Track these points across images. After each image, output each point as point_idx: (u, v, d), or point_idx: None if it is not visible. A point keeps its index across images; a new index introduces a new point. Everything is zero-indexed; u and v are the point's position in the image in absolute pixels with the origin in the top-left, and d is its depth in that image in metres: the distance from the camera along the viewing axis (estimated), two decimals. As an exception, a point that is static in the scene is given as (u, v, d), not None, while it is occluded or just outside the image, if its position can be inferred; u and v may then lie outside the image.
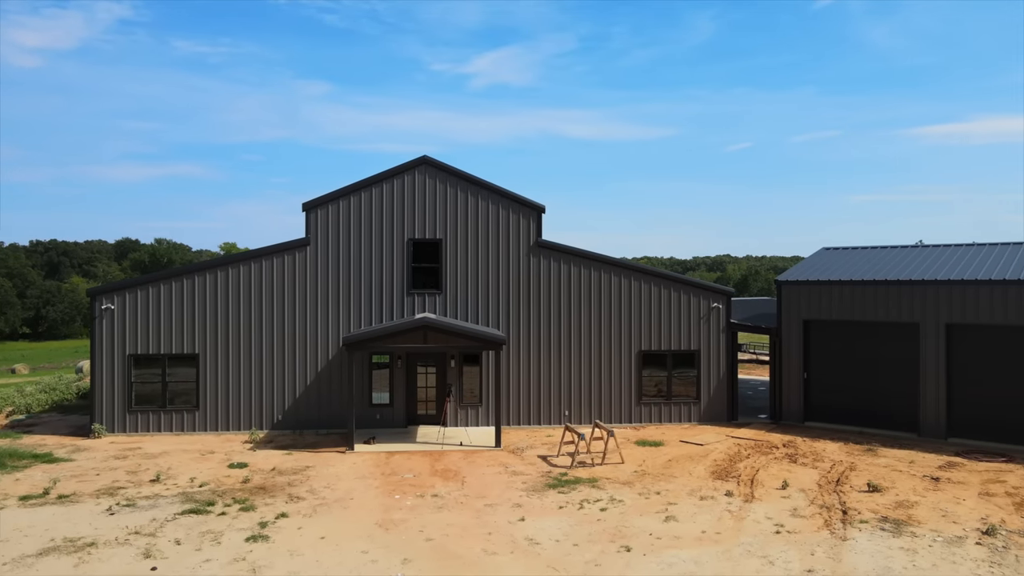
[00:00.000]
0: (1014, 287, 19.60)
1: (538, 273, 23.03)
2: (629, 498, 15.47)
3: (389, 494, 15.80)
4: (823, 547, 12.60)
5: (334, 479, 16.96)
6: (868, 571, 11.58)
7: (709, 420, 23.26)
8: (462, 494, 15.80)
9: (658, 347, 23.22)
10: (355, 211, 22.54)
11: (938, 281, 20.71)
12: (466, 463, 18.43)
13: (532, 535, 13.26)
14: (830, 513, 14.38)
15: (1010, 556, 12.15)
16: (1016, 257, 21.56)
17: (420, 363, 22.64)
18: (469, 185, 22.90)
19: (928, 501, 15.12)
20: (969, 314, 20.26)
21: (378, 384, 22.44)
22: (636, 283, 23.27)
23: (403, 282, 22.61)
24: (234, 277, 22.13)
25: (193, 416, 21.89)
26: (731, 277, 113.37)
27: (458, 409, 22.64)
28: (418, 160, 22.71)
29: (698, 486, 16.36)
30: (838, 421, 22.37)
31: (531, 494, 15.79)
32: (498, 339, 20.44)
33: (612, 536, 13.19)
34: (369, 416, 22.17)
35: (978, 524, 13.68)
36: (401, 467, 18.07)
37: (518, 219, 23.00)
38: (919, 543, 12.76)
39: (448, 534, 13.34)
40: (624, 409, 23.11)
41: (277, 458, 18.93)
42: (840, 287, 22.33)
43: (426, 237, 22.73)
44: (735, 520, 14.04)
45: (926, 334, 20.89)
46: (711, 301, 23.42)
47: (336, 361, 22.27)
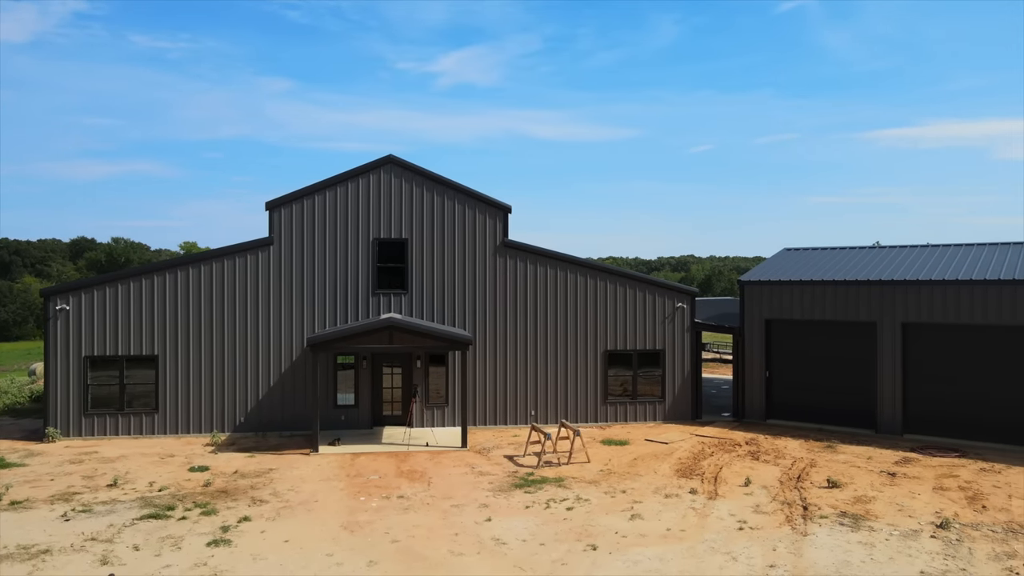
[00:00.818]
0: (966, 287, 20.19)
1: (504, 273, 23.03)
2: (595, 497, 15.56)
3: (354, 496, 15.66)
4: (785, 543, 12.82)
5: (298, 481, 16.75)
6: (828, 565, 11.81)
7: (674, 419, 23.51)
8: (428, 495, 15.73)
9: (624, 347, 23.40)
10: (320, 210, 22.29)
11: (894, 281, 21.25)
12: (432, 464, 18.35)
13: (499, 535, 13.25)
14: (791, 509, 14.65)
15: (963, 549, 12.51)
16: (968, 258, 22.22)
17: (386, 364, 22.48)
18: (435, 185, 22.81)
19: (885, 496, 15.49)
20: (924, 313, 20.81)
21: (343, 385, 22.22)
22: (602, 283, 23.43)
23: (368, 282, 22.42)
24: (195, 277, 21.72)
25: (152, 419, 21.43)
26: (695, 277, 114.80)
27: (424, 410, 22.54)
28: (384, 159, 22.55)
29: (663, 484, 16.52)
30: (799, 419, 22.81)
31: (498, 494, 15.78)
32: (464, 339, 20.40)
33: (578, 535, 13.25)
34: (334, 417, 21.94)
35: (932, 518, 14.05)
36: (367, 468, 17.92)
37: (484, 219, 22.98)
38: (876, 537, 13.07)
39: (414, 535, 13.27)
40: (590, 408, 23.24)
41: (239, 461, 18.63)
42: (801, 287, 22.76)
43: (392, 237, 22.58)
44: (699, 517, 14.21)
45: (883, 333, 21.41)
46: (676, 301, 23.68)
47: (300, 362, 22.00)
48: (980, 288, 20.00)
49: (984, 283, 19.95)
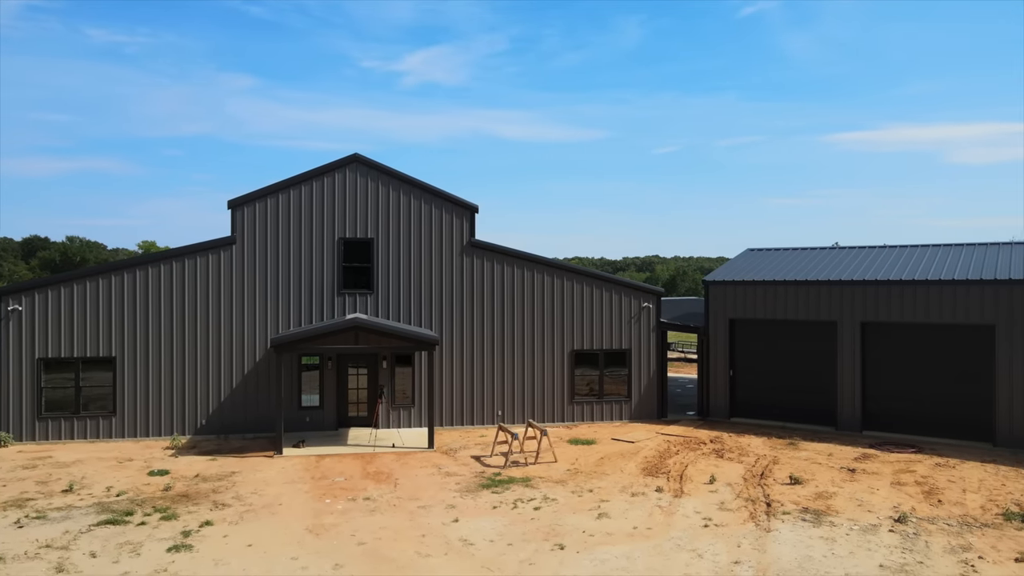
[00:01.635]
0: (922, 287, 20.71)
1: (471, 273, 22.97)
2: (562, 496, 15.59)
3: (320, 498, 15.46)
4: (749, 539, 13.00)
5: (262, 484, 16.48)
6: (791, 561, 12.00)
7: (640, 418, 23.69)
8: (395, 496, 15.60)
9: (590, 346, 23.50)
10: (284, 209, 21.97)
11: (853, 281, 21.70)
12: (399, 465, 18.22)
13: (466, 536, 13.20)
14: (755, 506, 14.86)
15: (920, 542, 12.82)
16: (923, 259, 22.80)
17: (351, 364, 22.25)
18: (401, 184, 22.65)
19: (845, 492, 15.80)
20: (882, 313, 21.30)
21: (308, 386, 21.94)
22: (569, 283, 23.50)
23: (334, 282, 22.17)
24: (154, 277, 21.23)
25: (110, 422, 20.89)
26: (660, 277, 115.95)
27: (390, 411, 22.36)
28: (349, 158, 22.31)
29: (629, 483, 16.63)
30: (762, 416, 23.16)
31: (465, 495, 15.72)
32: (431, 339, 20.29)
33: (546, 535, 13.26)
34: (298, 419, 21.64)
35: (891, 512, 14.38)
36: (332, 470, 17.71)
37: (451, 219, 22.89)
38: (837, 532, 13.32)
39: (381, 537, 13.14)
40: (557, 408, 23.30)
41: (201, 464, 18.26)
42: (764, 287, 23.12)
43: (357, 236, 22.35)
44: (665, 515, 14.33)
45: (843, 332, 21.85)
46: (641, 301, 23.87)
47: (264, 363, 21.66)
48: (935, 288, 20.54)
49: (939, 283, 20.48)
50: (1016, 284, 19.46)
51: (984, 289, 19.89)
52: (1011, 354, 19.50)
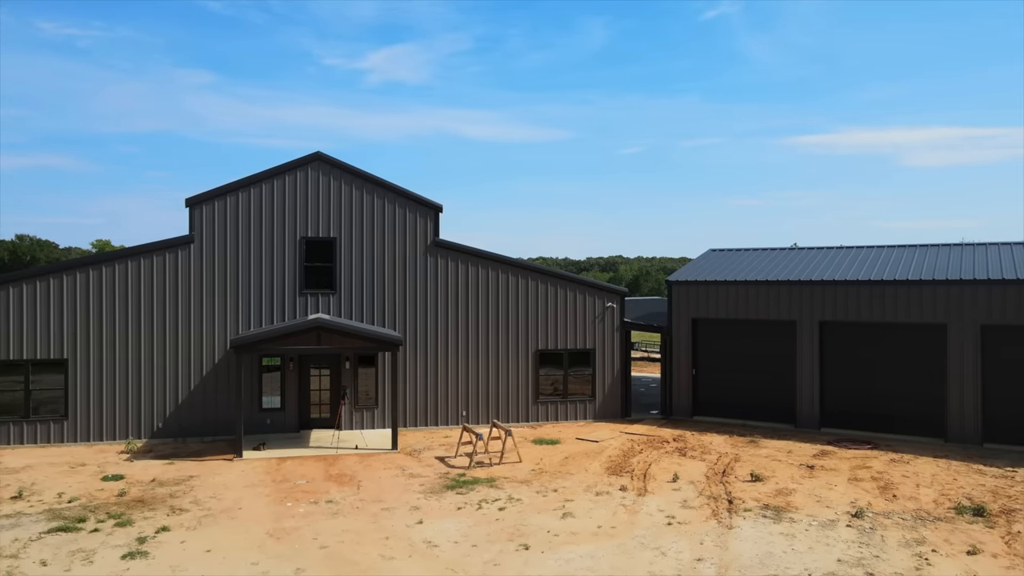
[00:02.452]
0: (878, 287, 21.20)
1: (435, 273, 22.84)
2: (527, 496, 15.58)
3: (281, 502, 15.20)
4: (711, 536, 13.14)
5: (221, 488, 16.14)
6: (752, 557, 12.16)
7: (604, 417, 23.81)
8: (358, 499, 15.42)
9: (554, 346, 23.55)
10: (244, 208, 21.57)
11: (812, 281, 22.11)
12: (362, 467, 18.01)
13: (430, 537, 13.10)
14: (717, 503, 15.03)
15: (876, 536, 13.10)
16: (879, 260, 23.34)
17: (313, 365, 21.94)
18: (364, 183, 22.41)
19: (804, 488, 16.08)
20: (839, 312, 21.75)
21: (268, 388, 21.57)
22: (533, 283, 23.51)
23: (295, 282, 21.84)
24: (108, 276, 20.66)
25: (61, 426, 20.27)
26: (623, 277, 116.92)
27: (353, 412, 22.11)
28: (311, 156, 22.01)
29: (594, 482, 16.69)
30: (724, 415, 23.47)
31: (429, 496, 15.61)
32: (394, 340, 20.11)
33: (511, 535, 13.23)
34: (259, 421, 21.27)
35: (848, 508, 14.67)
36: (293, 473, 17.43)
37: (415, 218, 22.72)
38: (797, 528, 13.54)
39: (343, 540, 12.97)
40: (521, 408, 23.30)
41: (157, 468, 17.82)
42: (726, 287, 23.43)
43: (319, 236, 22.05)
44: (629, 514, 14.41)
45: (802, 331, 22.25)
46: (605, 301, 23.99)
47: (223, 364, 21.23)
48: (890, 288, 21.04)
49: (894, 283, 20.99)
50: (967, 284, 20.04)
51: (936, 289, 20.44)
52: (961, 353, 20.07)
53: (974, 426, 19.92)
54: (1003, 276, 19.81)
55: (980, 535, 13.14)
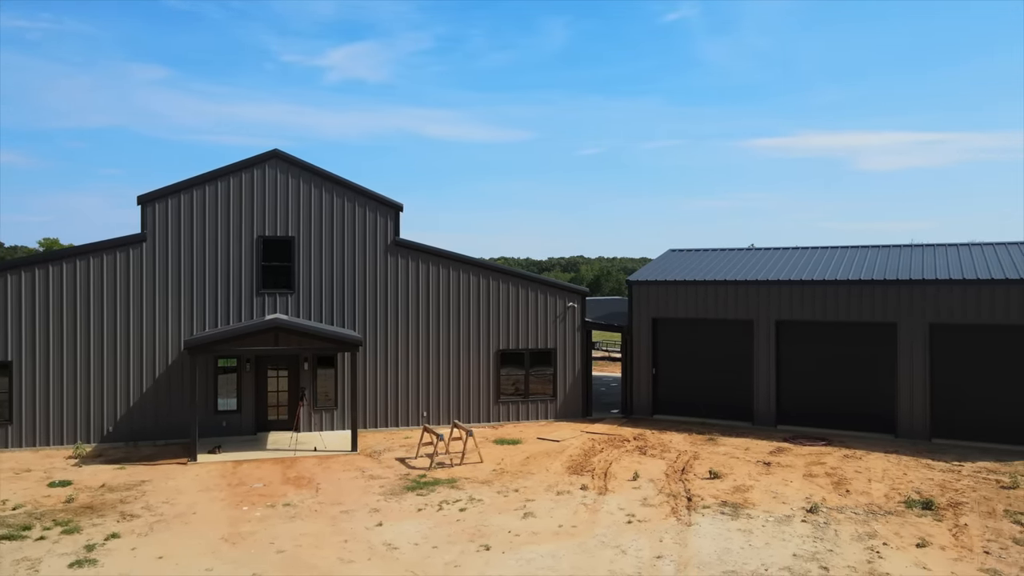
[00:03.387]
0: (831, 287, 21.68)
1: (396, 272, 22.64)
2: (488, 497, 15.53)
3: (236, 506, 14.88)
4: (670, 533, 13.26)
5: (174, 493, 15.74)
6: (710, 553, 12.30)
7: (565, 417, 23.89)
8: (316, 501, 15.18)
9: (516, 346, 23.54)
10: (199, 206, 21.08)
11: (768, 281, 22.51)
12: (321, 469, 17.75)
13: (390, 540, 12.96)
14: (676, 501, 15.18)
15: (830, 531, 13.37)
16: (833, 260, 23.87)
17: (271, 366, 21.56)
18: (323, 181, 22.10)
19: (761, 484, 16.34)
20: (795, 311, 22.17)
21: (224, 389, 21.12)
22: (494, 283, 23.47)
23: (252, 282, 21.43)
24: (56, 276, 20.01)
25: (5, 431, 19.55)
26: (584, 277, 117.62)
27: (312, 413, 21.79)
28: (268, 153, 21.62)
29: (555, 482, 16.72)
30: (684, 413, 23.74)
31: (389, 498, 15.45)
32: (354, 340, 19.88)
33: (471, 536, 13.17)
34: (214, 424, 20.82)
35: (803, 503, 14.95)
36: (250, 476, 17.09)
37: (375, 217, 22.49)
38: (754, 524, 13.75)
39: (301, 544, 12.75)
40: (483, 408, 23.23)
41: (107, 473, 17.31)
42: (685, 287, 23.70)
43: (277, 235, 21.68)
44: (590, 513, 14.47)
45: (759, 330, 22.63)
46: (567, 301, 24.07)
47: (177, 366, 20.72)
48: (843, 287, 21.52)
49: (847, 283, 21.48)
50: (916, 284, 20.61)
51: (887, 289, 20.98)
52: (911, 351, 20.64)
53: (923, 422, 20.50)
54: (950, 276, 20.42)
55: (929, 528, 13.51)
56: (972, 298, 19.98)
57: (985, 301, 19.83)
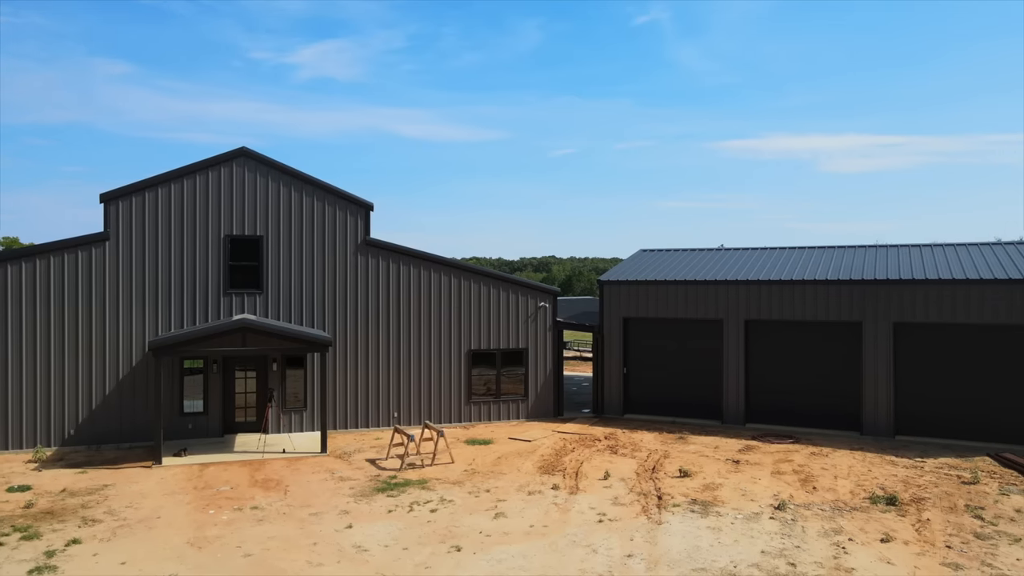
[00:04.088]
0: (799, 286, 21.98)
1: (366, 272, 22.45)
2: (459, 497, 15.46)
3: (203, 509, 14.62)
4: (641, 532, 13.32)
5: (138, 497, 15.42)
6: (680, 551, 12.38)
7: (537, 416, 23.90)
8: (285, 504, 14.98)
9: (487, 346, 23.49)
10: (164, 204, 20.69)
11: (738, 281, 22.75)
12: (290, 471, 17.53)
13: (360, 542, 12.83)
14: (647, 499, 15.26)
15: (797, 527, 13.54)
16: (800, 260, 24.22)
17: (239, 367, 21.23)
18: (292, 180, 21.83)
19: (730, 482, 16.50)
20: (763, 311, 22.44)
21: (191, 391, 20.75)
22: (466, 283, 23.39)
23: (219, 281, 21.09)
24: (15, 275, 19.48)
25: (-38, 435, 18.99)
26: (556, 277, 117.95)
27: (281, 415, 21.51)
28: (236, 151, 21.29)
29: (526, 481, 16.70)
30: (654, 412, 23.89)
31: (359, 499, 15.31)
32: (323, 340, 19.66)
33: (442, 537, 13.10)
34: (180, 426, 20.45)
35: (771, 500, 15.13)
36: (217, 479, 16.81)
37: (345, 216, 22.28)
38: (723, 521, 13.87)
39: (269, 548, 12.56)
40: (454, 408, 23.14)
41: (68, 478, 16.89)
42: (656, 286, 23.86)
43: (245, 234, 21.36)
44: (561, 512, 14.47)
45: (728, 330, 22.86)
46: (538, 300, 24.08)
47: (142, 368, 20.31)
48: (810, 287, 21.84)
49: (813, 283, 21.80)
50: (880, 284, 20.98)
51: (852, 288, 21.33)
52: (875, 349, 21.01)
53: (887, 420, 20.88)
54: (913, 277, 20.83)
55: (893, 523, 13.75)
56: (934, 298, 20.41)
57: (946, 301, 20.27)
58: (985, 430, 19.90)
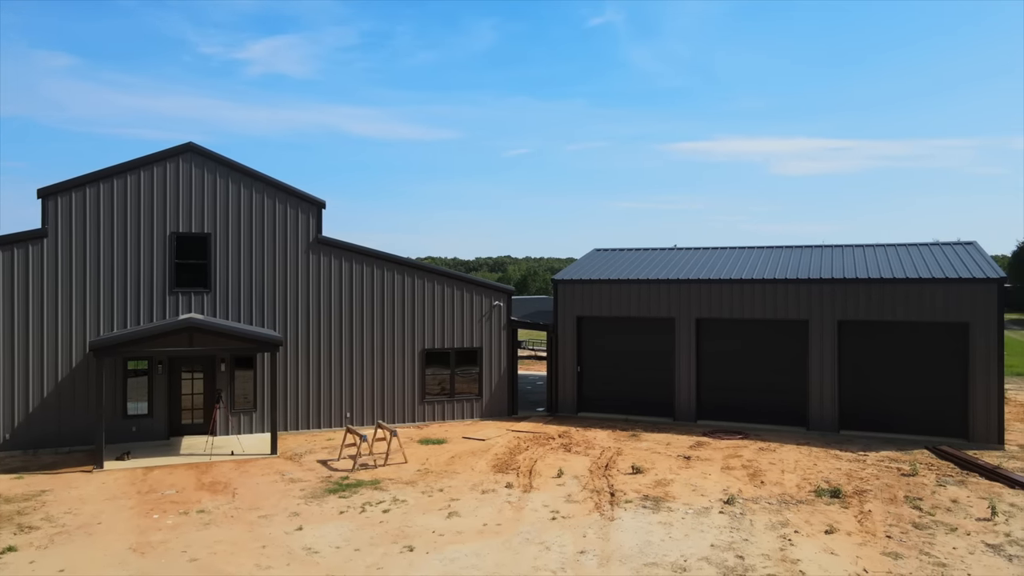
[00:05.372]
0: (748, 285, 22.43)
1: (318, 271, 22.11)
2: (412, 497, 15.34)
3: (146, 514, 14.20)
4: (594, 529, 13.41)
5: (77, 503, 14.90)
6: (632, 547, 12.51)
7: (491, 415, 23.87)
8: (233, 507, 14.65)
9: (441, 345, 23.37)
10: (106, 200, 20.04)
11: (689, 280, 23.10)
12: (238, 473, 17.15)
13: (311, 544, 12.62)
14: (600, 496, 15.37)
15: (746, 521, 13.81)
16: (750, 260, 24.72)
17: (185, 368, 20.69)
18: (242, 176, 21.37)
19: (681, 478, 16.74)
20: (714, 309, 22.84)
21: (135, 393, 20.14)
22: (420, 282, 23.23)
23: (165, 280, 20.52)
24: (-54, 273, 18.63)
25: None
26: (512, 277, 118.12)
27: (229, 416, 21.04)
28: (183, 147, 20.75)
29: (480, 480, 16.67)
30: (608, 410, 24.10)
31: (310, 501, 15.06)
32: (274, 340, 19.30)
33: (395, 537, 12.97)
34: (124, 429, 19.83)
35: (721, 495, 15.39)
36: (162, 483, 16.35)
37: (296, 214, 21.91)
38: (674, 516, 14.06)
39: (216, 552, 12.27)
40: (408, 408, 22.96)
41: (3, 484, 16.22)
42: (609, 285, 24.07)
43: (192, 231, 20.83)
44: (515, 511, 14.48)
45: (680, 328, 23.20)
46: (493, 299, 24.06)
47: (82, 369, 19.63)
48: (759, 286, 22.31)
49: (762, 282, 22.27)
50: (825, 283, 21.55)
51: (799, 287, 21.86)
52: (821, 346, 21.57)
53: (832, 415, 21.46)
54: (857, 276, 21.46)
55: (836, 515, 14.13)
56: (875, 296, 21.05)
57: (887, 299, 20.93)
58: (924, 424, 20.61)
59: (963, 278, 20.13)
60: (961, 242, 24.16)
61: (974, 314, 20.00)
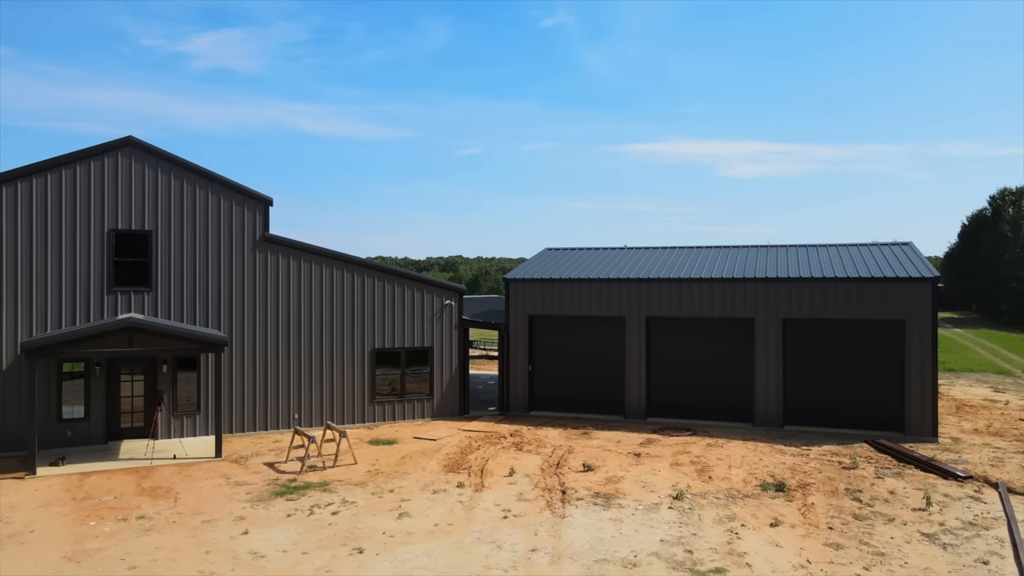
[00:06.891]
0: (696, 284, 22.80)
1: (265, 269, 21.63)
2: (362, 499, 15.12)
3: (82, 521, 13.66)
4: (545, 527, 13.43)
5: (8, 511, 14.24)
6: (583, 543, 12.56)
7: (442, 415, 23.72)
8: (175, 512, 14.21)
9: (392, 345, 23.13)
10: (39, 195, 19.22)
11: (639, 279, 23.37)
12: (181, 478, 16.65)
13: (257, 548, 12.32)
14: (551, 494, 15.41)
15: (694, 516, 14.02)
16: (699, 258, 25.13)
17: (125, 370, 20.00)
18: (185, 172, 20.76)
19: (631, 475, 16.91)
20: (664, 308, 23.14)
21: (70, 396, 19.38)
22: (370, 281, 22.94)
23: (103, 278, 19.79)
24: None
25: None
26: (463, 277, 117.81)
27: (172, 419, 20.41)
28: (122, 141, 20.05)
29: (431, 480, 16.53)
30: (559, 409, 24.19)
31: (256, 505, 14.71)
32: (218, 340, 18.80)
33: (344, 539, 12.76)
34: (58, 434, 19.06)
35: (670, 491, 15.60)
36: (99, 489, 15.75)
37: (243, 211, 21.39)
38: (624, 513, 14.18)
39: (157, 559, 11.87)
40: (357, 409, 22.65)
41: (-73, 493, 15.41)
42: (560, 284, 24.17)
43: (132, 228, 20.14)
44: (466, 510, 14.40)
45: (630, 326, 23.44)
46: (444, 299, 23.91)
47: (12, 371, 18.79)
48: (707, 285, 22.70)
49: (710, 281, 22.67)
50: (770, 282, 22.05)
51: (746, 286, 22.32)
52: (766, 344, 22.06)
53: (776, 411, 21.96)
54: (800, 275, 22.01)
55: (781, 508, 14.45)
56: (818, 294, 21.63)
57: (830, 297, 21.53)
58: (863, 419, 21.26)
59: (900, 277, 20.85)
60: (898, 243, 25.02)
61: (910, 312, 20.72)
